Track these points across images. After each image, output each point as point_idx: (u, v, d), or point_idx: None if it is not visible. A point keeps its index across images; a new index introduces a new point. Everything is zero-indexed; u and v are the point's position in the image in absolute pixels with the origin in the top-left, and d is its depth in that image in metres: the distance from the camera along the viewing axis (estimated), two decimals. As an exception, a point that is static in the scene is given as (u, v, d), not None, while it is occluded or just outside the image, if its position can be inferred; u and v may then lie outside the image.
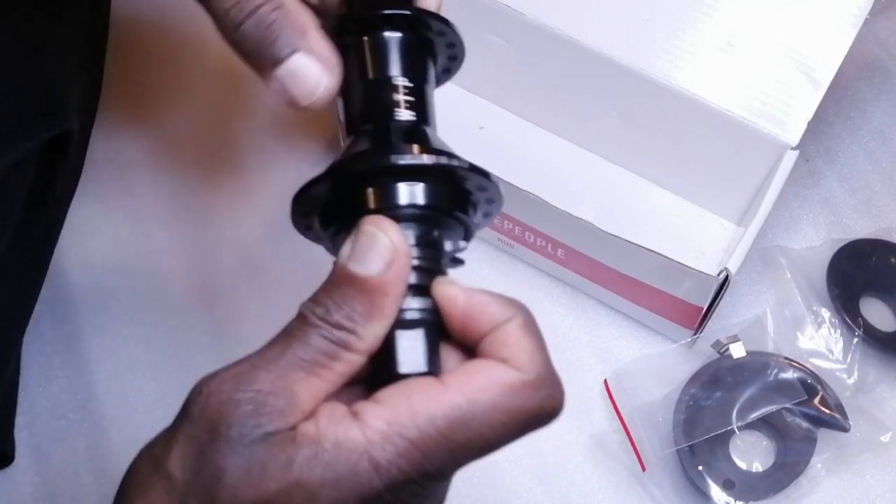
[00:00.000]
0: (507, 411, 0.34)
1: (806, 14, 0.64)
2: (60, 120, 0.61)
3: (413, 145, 0.38)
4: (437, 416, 0.34)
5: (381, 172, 0.38)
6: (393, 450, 0.33)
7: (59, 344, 0.68)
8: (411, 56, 0.41)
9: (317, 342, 0.35)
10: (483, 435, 0.34)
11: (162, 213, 0.72)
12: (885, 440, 0.64)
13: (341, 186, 0.38)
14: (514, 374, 0.35)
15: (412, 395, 0.34)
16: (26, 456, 0.64)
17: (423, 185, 0.38)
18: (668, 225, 0.68)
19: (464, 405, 0.34)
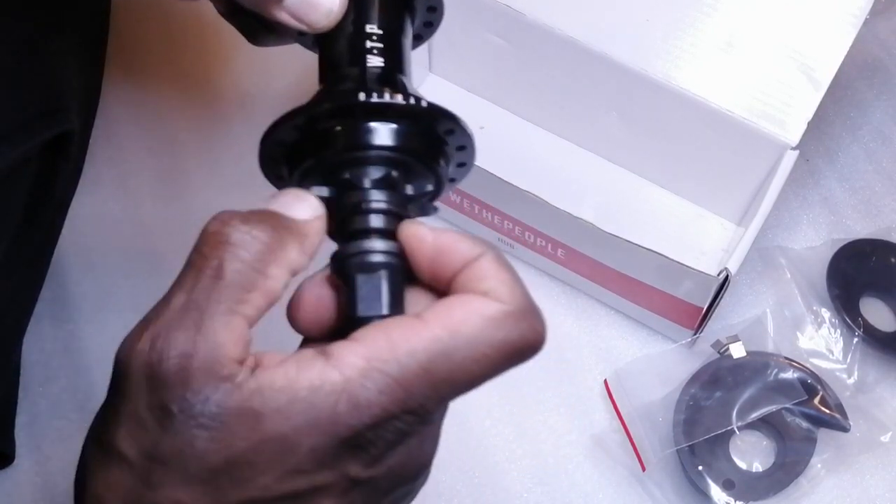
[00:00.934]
0: (489, 343, 0.33)
1: (806, 14, 0.64)
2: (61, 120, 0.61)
3: (383, 87, 0.37)
4: (418, 350, 0.32)
5: (348, 111, 0.37)
6: (373, 386, 0.32)
7: (59, 344, 0.68)
8: (386, 6, 0.41)
9: (231, 269, 0.33)
10: (466, 368, 0.33)
11: (162, 213, 0.72)
12: (885, 440, 0.64)
13: (308, 127, 0.38)
14: (495, 305, 0.34)
15: (390, 331, 0.33)
16: (26, 456, 0.64)
17: (390, 127, 0.37)
18: (668, 225, 0.68)
19: (445, 338, 0.33)
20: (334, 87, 0.40)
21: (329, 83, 0.40)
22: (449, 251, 0.35)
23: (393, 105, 0.37)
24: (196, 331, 0.32)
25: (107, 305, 0.69)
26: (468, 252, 0.35)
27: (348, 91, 0.38)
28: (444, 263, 0.35)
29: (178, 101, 0.77)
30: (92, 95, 0.72)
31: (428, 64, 0.74)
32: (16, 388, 0.66)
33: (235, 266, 0.33)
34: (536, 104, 0.71)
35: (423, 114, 0.38)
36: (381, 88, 0.37)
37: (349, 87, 0.38)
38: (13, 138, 0.56)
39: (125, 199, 0.73)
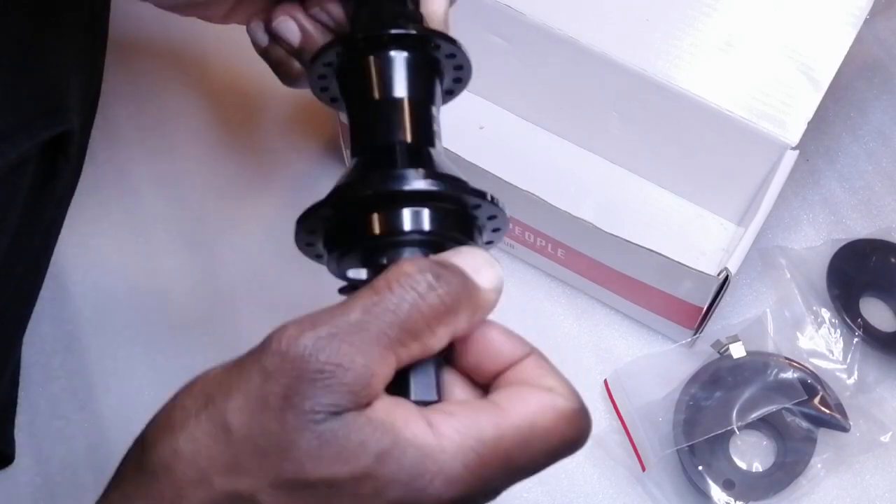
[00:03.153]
0: (561, 437, 0.35)
1: (806, 14, 0.64)
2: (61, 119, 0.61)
3: (418, 169, 0.38)
4: (504, 437, 0.34)
5: (386, 198, 0.38)
6: (463, 464, 0.33)
7: (59, 344, 0.68)
8: (417, 76, 0.41)
9: (407, 312, 0.34)
10: (537, 458, 0.35)
11: (162, 214, 0.72)
12: (885, 440, 0.64)
13: (346, 211, 0.38)
14: (563, 401, 0.35)
15: (479, 414, 0.34)
16: (26, 456, 0.64)
17: (427, 211, 0.38)
18: (668, 225, 0.68)
19: (525, 428, 0.34)
20: (364, 166, 0.40)
21: (360, 160, 0.40)
22: (497, 344, 0.37)
23: (418, 192, 0.37)
24: (358, 351, 0.33)
25: (107, 305, 0.69)
26: (517, 349, 0.37)
27: (384, 175, 0.38)
28: (492, 356, 0.37)
29: (178, 101, 0.77)
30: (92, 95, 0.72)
31: (428, 64, 0.74)
32: (16, 387, 0.66)
33: (412, 312, 0.34)
34: (536, 104, 0.71)
35: (447, 195, 0.38)
36: (414, 171, 0.38)
37: (385, 169, 0.39)
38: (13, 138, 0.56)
39: (125, 200, 0.73)
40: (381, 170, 0.39)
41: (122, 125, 0.76)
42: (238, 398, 0.33)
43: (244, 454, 0.32)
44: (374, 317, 0.34)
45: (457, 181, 0.38)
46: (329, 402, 0.32)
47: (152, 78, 0.78)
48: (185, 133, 0.76)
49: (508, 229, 0.42)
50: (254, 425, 0.32)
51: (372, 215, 0.38)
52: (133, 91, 0.77)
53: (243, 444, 0.32)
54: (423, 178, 0.38)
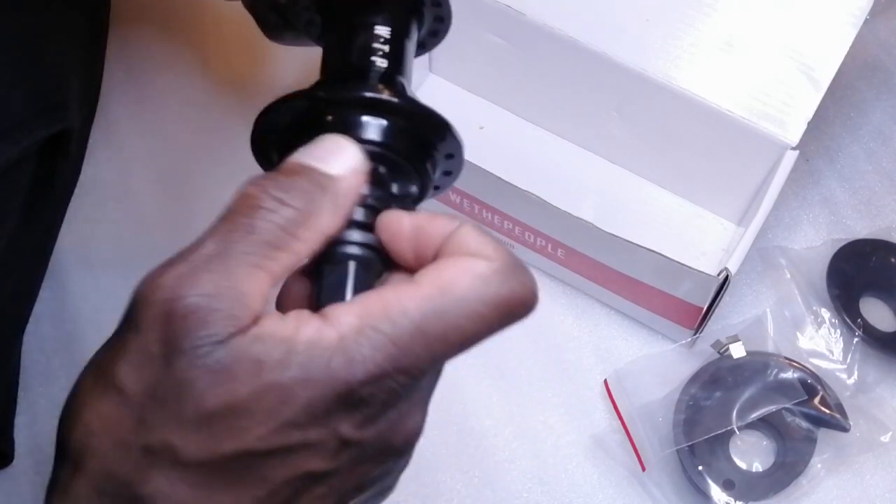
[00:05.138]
0: (481, 299, 0.33)
1: (806, 14, 0.64)
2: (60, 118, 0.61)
3: (381, 85, 0.38)
4: (411, 308, 0.33)
5: (344, 102, 0.38)
6: (367, 343, 0.32)
7: (59, 344, 0.68)
8: (398, 9, 0.42)
9: (264, 228, 0.34)
10: (459, 326, 0.33)
11: (162, 213, 0.72)
12: (885, 440, 0.64)
13: (301, 114, 0.38)
14: (483, 263, 0.34)
15: (383, 292, 0.33)
16: (26, 456, 0.64)
17: (382, 123, 0.38)
18: (668, 225, 0.68)
19: (437, 296, 0.33)
20: (334, 79, 0.40)
21: (330, 75, 0.41)
22: (427, 228, 0.36)
23: (385, 101, 0.38)
24: (222, 276, 0.33)
25: (107, 305, 0.69)
26: (447, 225, 0.35)
27: (345, 84, 0.39)
28: (425, 241, 0.36)
29: (178, 101, 0.77)
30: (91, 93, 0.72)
31: (428, 64, 0.74)
32: (15, 387, 0.66)
33: (267, 226, 0.34)
34: (536, 104, 0.71)
35: (414, 114, 0.38)
36: (377, 85, 0.38)
37: (346, 81, 0.39)
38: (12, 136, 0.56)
39: (125, 199, 0.73)
40: (345, 80, 0.39)
41: (122, 125, 0.76)
42: (122, 360, 0.33)
43: (145, 409, 0.32)
44: (229, 243, 0.33)
45: (423, 106, 0.38)
46: (208, 334, 0.32)
47: (152, 78, 0.78)
48: (186, 133, 0.76)
49: (460, 173, 0.41)
50: (144, 379, 0.32)
51: (325, 117, 0.38)
52: (133, 91, 0.77)
53: (140, 399, 0.32)
54: (389, 92, 0.38)
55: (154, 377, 0.32)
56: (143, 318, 0.33)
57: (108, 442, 0.32)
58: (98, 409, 0.33)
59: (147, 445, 0.32)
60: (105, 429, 0.33)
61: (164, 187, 0.73)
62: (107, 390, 0.33)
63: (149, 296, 0.33)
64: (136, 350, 0.33)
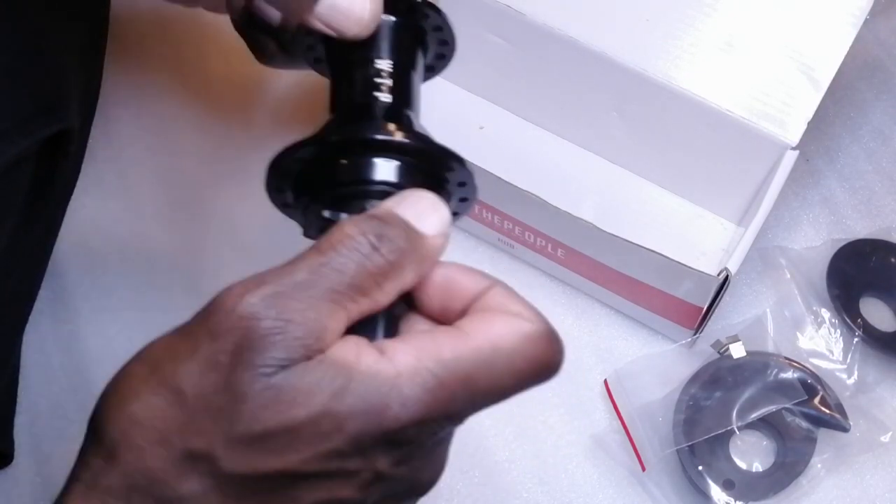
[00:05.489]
0: (526, 359, 0.35)
1: (806, 14, 0.64)
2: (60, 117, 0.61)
3: (391, 124, 0.39)
4: (463, 359, 0.34)
5: (357, 145, 0.38)
6: (421, 386, 0.33)
7: (59, 344, 0.68)
8: (402, 42, 0.42)
9: (354, 272, 0.34)
10: (502, 380, 0.34)
11: (162, 213, 0.72)
12: (885, 440, 0.64)
13: (316, 157, 0.39)
14: (528, 324, 0.35)
15: (437, 337, 0.34)
16: (26, 456, 0.64)
17: (396, 164, 0.38)
18: (668, 225, 0.68)
19: (486, 350, 0.34)
20: (343, 120, 0.41)
21: (338, 115, 0.41)
22: (459, 280, 0.37)
23: (393, 143, 0.38)
24: (307, 307, 0.33)
25: (107, 305, 0.69)
26: (480, 281, 0.37)
27: (354, 125, 0.39)
28: (456, 293, 0.37)
29: (178, 101, 0.77)
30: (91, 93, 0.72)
31: (428, 64, 0.74)
32: (15, 386, 0.66)
33: (358, 271, 0.34)
34: (536, 104, 0.71)
35: (422, 151, 0.39)
36: (385, 124, 0.39)
37: (355, 121, 0.40)
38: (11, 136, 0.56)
39: (125, 199, 0.73)
40: (358, 122, 0.40)
41: (122, 125, 0.76)
42: (187, 361, 0.33)
43: (198, 414, 0.32)
44: (320, 276, 0.34)
45: (431, 141, 0.39)
46: (280, 357, 0.32)
47: (152, 77, 0.78)
48: (186, 133, 0.76)
49: (476, 200, 0.42)
50: (205, 385, 0.32)
51: (340, 161, 0.38)
52: (133, 91, 0.77)
53: (196, 403, 0.32)
54: (397, 131, 0.39)
55: (215, 385, 0.32)
56: (221, 326, 0.33)
57: (151, 437, 0.33)
58: (149, 402, 0.33)
59: (190, 450, 0.32)
60: (151, 424, 0.33)
61: (164, 187, 0.73)
62: (163, 385, 0.33)
63: (234, 306, 0.33)
64: (206, 355, 0.33)
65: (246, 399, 0.32)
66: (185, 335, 0.34)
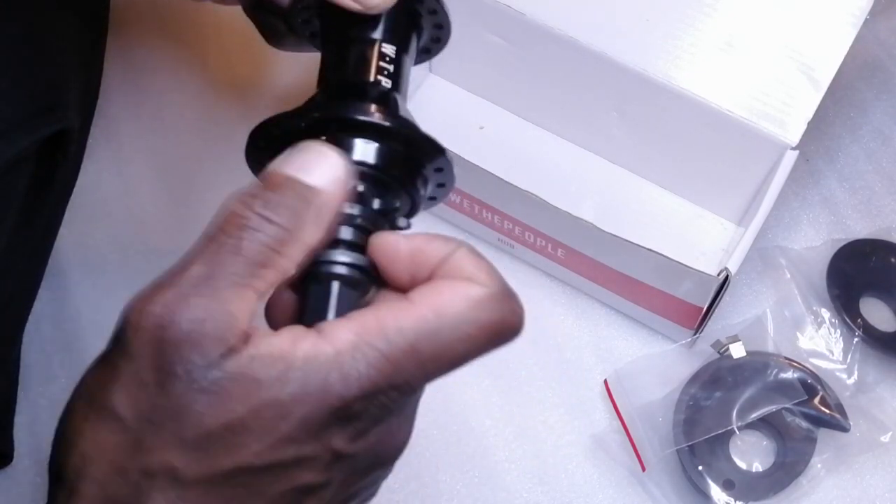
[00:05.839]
0: (474, 323, 0.34)
1: (806, 14, 0.64)
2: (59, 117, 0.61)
3: (375, 105, 0.39)
4: (406, 328, 0.33)
5: (339, 123, 0.38)
6: (363, 360, 0.33)
7: (59, 344, 0.68)
8: (396, 23, 0.42)
9: (250, 248, 0.34)
10: (451, 347, 0.34)
11: (162, 213, 0.72)
12: (885, 440, 0.64)
13: (298, 131, 0.39)
14: (478, 288, 0.35)
15: (379, 310, 0.34)
16: (26, 456, 0.64)
17: (375, 146, 0.38)
18: (668, 225, 0.68)
19: (431, 317, 0.34)
20: (330, 95, 0.41)
21: (327, 90, 0.41)
22: (424, 251, 0.36)
23: (376, 125, 0.38)
24: (210, 299, 0.33)
25: (107, 305, 0.69)
26: (443, 248, 0.36)
27: (340, 103, 0.39)
28: (421, 263, 0.36)
29: (178, 100, 0.77)
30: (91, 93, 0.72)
31: (428, 64, 0.74)
32: (15, 386, 0.66)
33: (253, 245, 0.34)
34: (536, 104, 0.71)
35: (405, 137, 0.39)
36: (370, 106, 0.39)
37: (341, 99, 0.40)
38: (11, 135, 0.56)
39: (125, 199, 0.73)
40: (343, 100, 0.40)
41: (122, 125, 0.76)
42: (115, 386, 0.33)
43: (143, 433, 0.32)
44: (216, 265, 0.34)
45: (412, 126, 0.39)
46: (201, 358, 0.32)
47: (152, 77, 0.78)
48: (186, 133, 0.76)
49: (453, 186, 0.42)
50: (140, 405, 0.32)
51: (319, 137, 0.38)
52: (133, 91, 0.77)
53: (138, 424, 0.32)
54: (380, 113, 0.38)
55: (150, 402, 0.32)
56: (134, 345, 0.33)
57: (105, 467, 0.33)
58: (93, 435, 0.33)
59: (146, 468, 0.32)
60: (102, 455, 0.33)
61: (164, 187, 0.73)
62: (101, 416, 0.33)
63: (139, 322, 0.33)
64: (130, 376, 0.33)
65: (183, 408, 0.32)
66: (106, 363, 0.34)
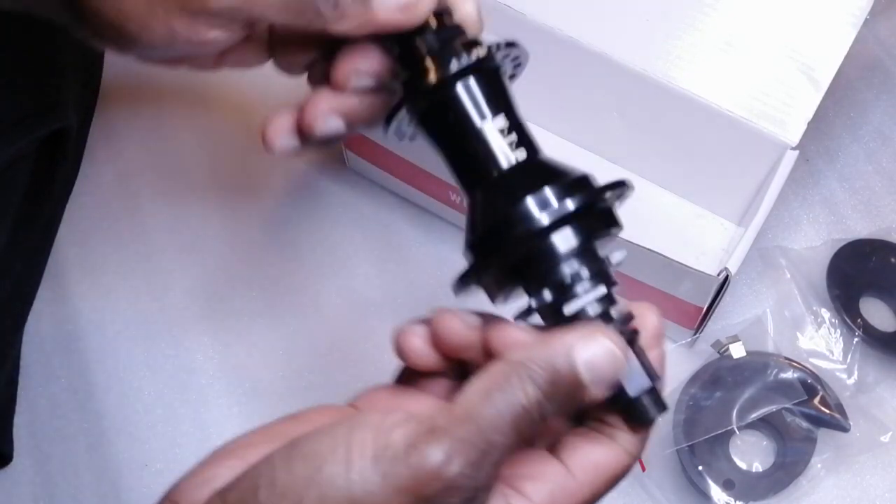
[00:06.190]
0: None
1: (806, 14, 0.64)
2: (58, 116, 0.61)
3: (547, 189, 0.37)
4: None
5: (538, 235, 0.37)
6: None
7: (59, 344, 0.68)
8: (496, 91, 0.40)
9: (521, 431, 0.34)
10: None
11: (161, 213, 0.72)
12: (885, 440, 0.64)
13: (545, 251, 0.37)
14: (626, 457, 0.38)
15: (556, 487, 0.36)
16: (26, 456, 0.64)
17: (574, 227, 0.38)
18: (668, 225, 0.68)
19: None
20: (496, 200, 0.38)
21: (486, 192, 0.39)
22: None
23: (574, 213, 0.38)
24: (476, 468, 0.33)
25: (107, 305, 0.69)
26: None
27: (524, 211, 0.37)
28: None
29: (177, 101, 0.77)
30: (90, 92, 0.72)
31: (428, 64, 0.74)
32: (15, 386, 0.66)
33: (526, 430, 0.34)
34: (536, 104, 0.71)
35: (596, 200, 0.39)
36: (547, 193, 0.37)
37: (518, 203, 0.37)
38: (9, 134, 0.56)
39: (125, 199, 0.73)
40: (520, 198, 0.37)
41: (121, 125, 0.76)
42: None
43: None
44: (492, 445, 0.33)
45: (585, 181, 0.39)
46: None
47: (152, 78, 0.78)
48: (185, 133, 0.76)
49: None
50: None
51: (527, 255, 0.37)
52: (133, 91, 0.77)
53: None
54: (558, 197, 0.37)
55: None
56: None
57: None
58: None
59: None
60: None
61: (164, 187, 0.73)
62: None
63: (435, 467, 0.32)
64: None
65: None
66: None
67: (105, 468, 0.64)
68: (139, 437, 0.65)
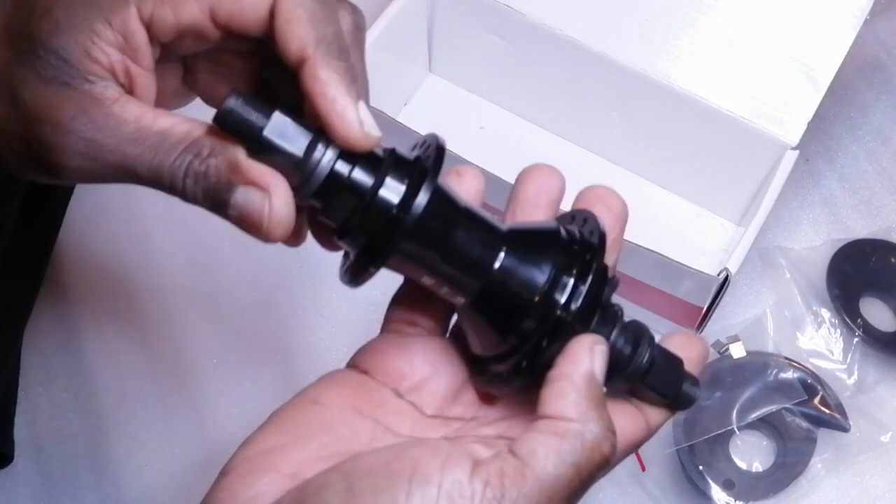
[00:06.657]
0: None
1: (806, 14, 0.64)
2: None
3: (538, 269, 0.39)
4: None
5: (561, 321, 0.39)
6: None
7: (59, 344, 0.68)
8: (442, 196, 0.40)
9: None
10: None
11: (162, 213, 0.72)
12: (885, 440, 0.64)
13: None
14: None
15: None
16: (26, 456, 0.64)
17: (585, 289, 0.40)
18: (668, 225, 0.68)
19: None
20: (503, 297, 0.39)
21: (485, 296, 0.40)
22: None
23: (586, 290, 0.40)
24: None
25: (107, 306, 0.69)
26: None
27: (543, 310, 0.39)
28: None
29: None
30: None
31: (428, 64, 0.74)
32: (15, 386, 0.66)
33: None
34: (536, 104, 0.71)
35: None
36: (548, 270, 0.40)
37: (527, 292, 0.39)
38: None
39: (125, 199, 0.73)
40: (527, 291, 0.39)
41: (122, 125, 0.75)
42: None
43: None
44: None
45: (591, 249, 0.41)
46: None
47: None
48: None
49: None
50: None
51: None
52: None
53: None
54: (556, 273, 0.39)
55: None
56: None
57: None
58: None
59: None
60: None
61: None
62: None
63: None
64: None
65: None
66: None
67: (105, 468, 0.64)
68: (139, 438, 0.65)
